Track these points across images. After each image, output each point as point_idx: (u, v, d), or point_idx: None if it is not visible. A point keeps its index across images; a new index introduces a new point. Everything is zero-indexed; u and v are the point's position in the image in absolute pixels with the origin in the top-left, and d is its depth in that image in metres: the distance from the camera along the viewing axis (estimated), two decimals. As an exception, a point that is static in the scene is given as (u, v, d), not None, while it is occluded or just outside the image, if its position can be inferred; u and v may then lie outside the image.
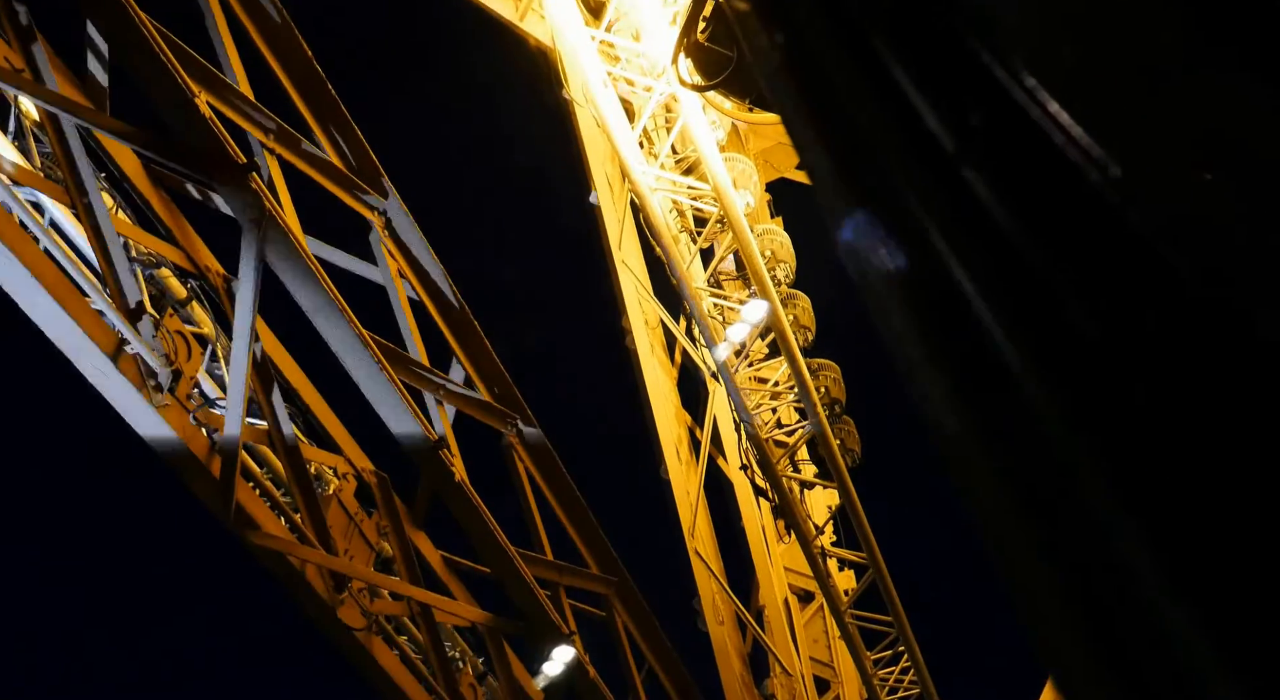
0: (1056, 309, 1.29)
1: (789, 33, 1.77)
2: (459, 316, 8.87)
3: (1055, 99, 1.50)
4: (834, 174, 1.65)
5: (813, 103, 1.70)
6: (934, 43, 1.60)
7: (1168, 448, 1.18)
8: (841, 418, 12.70)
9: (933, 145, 1.45)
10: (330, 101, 7.84)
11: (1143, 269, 1.27)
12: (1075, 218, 1.35)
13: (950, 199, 1.41)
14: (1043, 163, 1.40)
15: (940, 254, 1.39)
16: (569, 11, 12.69)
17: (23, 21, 5.72)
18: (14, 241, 5.86)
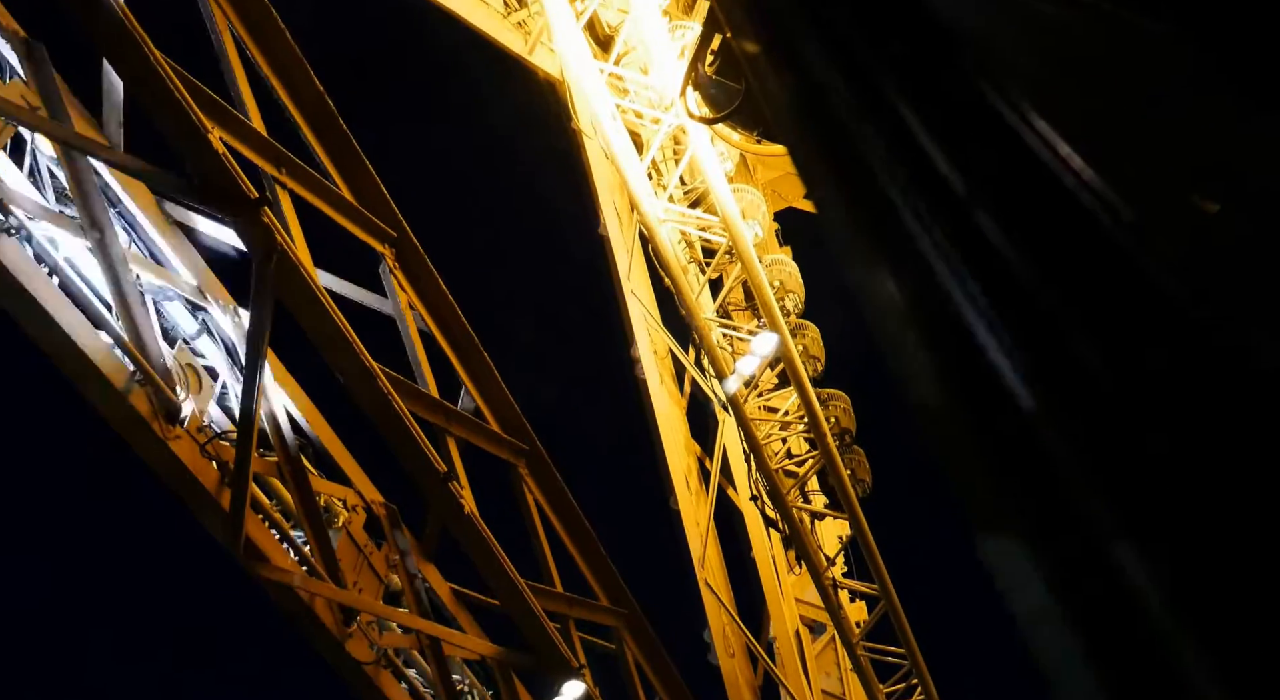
0: (1068, 351, 1.29)
1: (798, 75, 1.79)
2: (468, 348, 8.89)
3: (1065, 141, 1.51)
4: (845, 215, 1.66)
5: (823, 145, 1.71)
6: (943, 86, 1.61)
7: (1180, 484, 1.18)
8: (852, 448, 12.66)
9: (943, 188, 1.46)
10: (341, 136, 7.91)
11: (1152, 310, 1.27)
12: (1086, 259, 1.35)
13: (961, 241, 1.42)
14: (1053, 205, 1.41)
15: (952, 295, 1.39)
16: (577, 45, 12.80)
17: (41, 60, 5.79)
18: (28, 276, 5.90)
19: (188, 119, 5.85)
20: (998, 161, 1.44)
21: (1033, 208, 1.35)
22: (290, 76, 7.45)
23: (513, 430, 9.40)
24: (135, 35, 5.46)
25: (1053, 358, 1.26)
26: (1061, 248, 1.34)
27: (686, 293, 12.01)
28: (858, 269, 1.56)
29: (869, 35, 1.76)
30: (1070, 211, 1.37)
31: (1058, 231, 1.34)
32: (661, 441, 13.76)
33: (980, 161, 1.42)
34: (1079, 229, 1.36)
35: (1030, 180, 1.40)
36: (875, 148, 1.50)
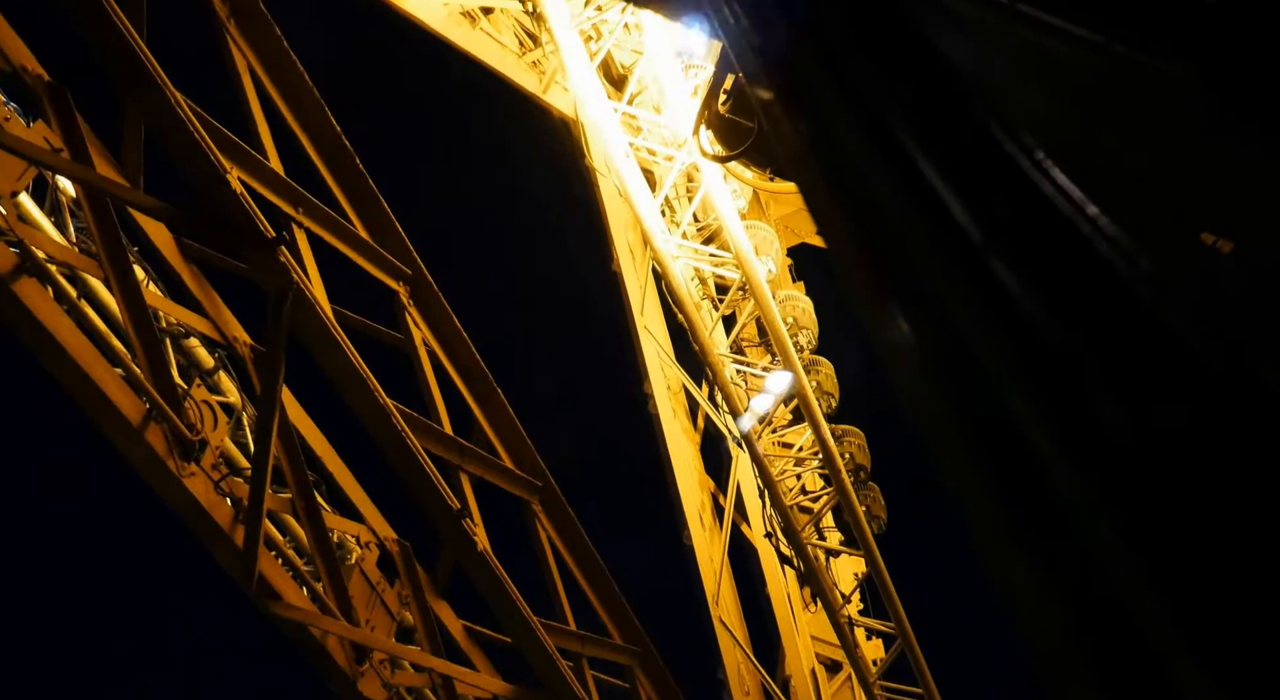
0: (1085, 399, 1.28)
1: (811, 122, 1.80)
2: (482, 384, 8.91)
3: (1079, 187, 1.51)
4: (860, 265, 1.66)
5: (837, 191, 1.71)
6: (957, 131, 1.62)
7: (1197, 537, 1.17)
8: (867, 484, 12.58)
9: (959, 236, 1.47)
10: (357, 174, 8.00)
11: (1171, 361, 1.26)
12: (1103, 308, 1.35)
13: (978, 289, 1.42)
14: (1069, 252, 1.41)
15: (969, 345, 1.39)
16: (591, 85, 12.94)
17: (64, 102, 5.89)
18: (47, 314, 5.96)
19: (207, 160, 5.93)
20: (1013, 209, 1.44)
21: (1049, 256, 1.35)
22: (308, 116, 7.55)
23: (526, 467, 9.39)
24: (156, 78, 5.55)
25: (1072, 409, 1.26)
26: (1079, 296, 1.33)
27: (700, 329, 12.02)
28: (874, 318, 1.56)
29: (882, 81, 1.77)
30: (1087, 259, 1.37)
31: (1074, 280, 1.34)
32: (675, 477, 13.70)
33: (996, 209, 1.42)
34: (1096, 277, 1.36)
35: (1046, 227, 1.40)
36: (890, 197, 1.50)
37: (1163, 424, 1.18)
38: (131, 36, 5.60)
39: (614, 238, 14.30)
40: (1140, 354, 1.26)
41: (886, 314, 1.61)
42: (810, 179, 1.80)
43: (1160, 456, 1.19)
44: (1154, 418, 1.15)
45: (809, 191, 1.89)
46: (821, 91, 1.73)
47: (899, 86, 1.66)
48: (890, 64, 1.76)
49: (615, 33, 13.23)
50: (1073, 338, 1.29)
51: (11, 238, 5.58)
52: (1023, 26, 3.70)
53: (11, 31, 6.41)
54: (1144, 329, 1.27)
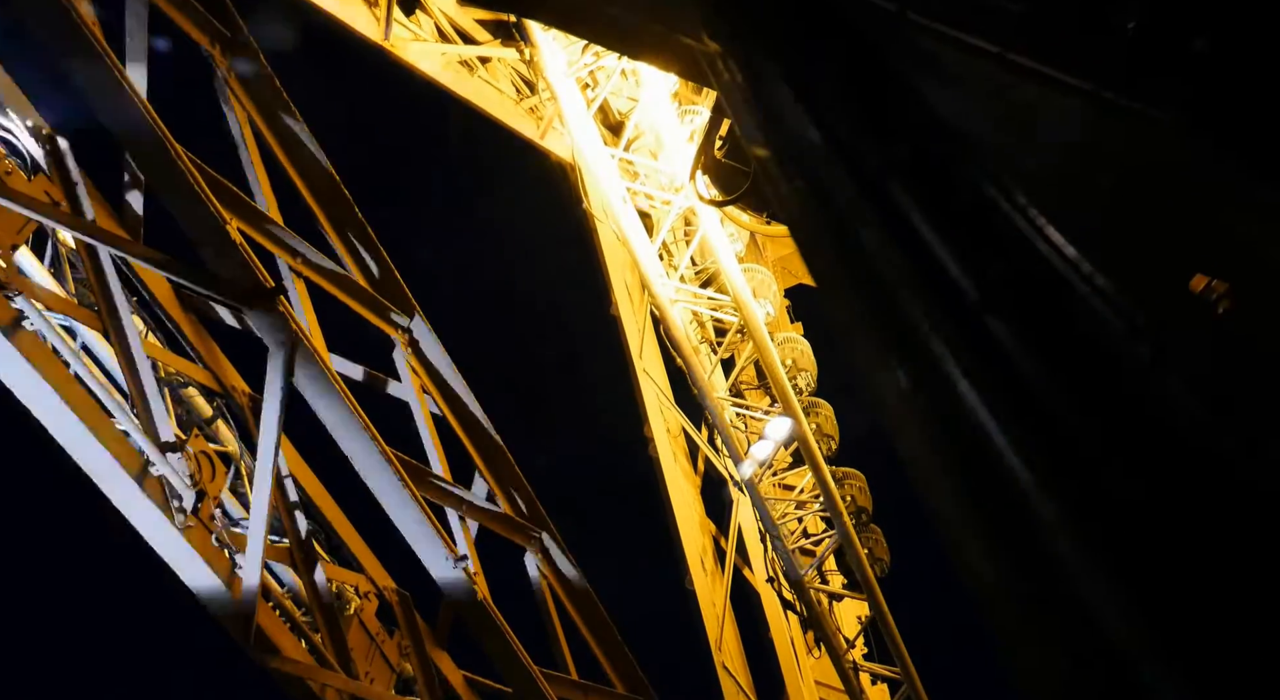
0: (1083, 459, 1.27)
1: (808, 180, 1.81)
2: (482, 431, 8.88)
3: (1073, 244, 1.51)
4: (857, 320, 1.67)
5: (834, 249, 1.72)
6: (953, 193, 1.63)
7: (1203, 603, 1.15)
8: (869, 526, 12.50)
9: (956, 295, 1.47)
10: (357, 224, 8.04)
11: (1166, 418, 1.26)
12: (1099, 367, 1.34)
13: (975, 348, 1.42)
14: (1066, 312, 1.41)
15: (968, 404, 1.38)
16: (589, 132, 13.06)
17: (64, 155, 5.93)
18: (44, 366, 5.95)
19: (206, 211, 5.96)
20: (1009, 268, 1.45)
21: (1045, 315, 1.35)
22: (307, 167, 7.60)
23: (526, 514, 9.33)
24: (158, 133, 5.60)
25: (1071, 469, 1.25)
26: (1075, 355, 1.33)
27: (699, 373, 12.03)
28: (872, 376, 1.56)
29: (877, 140, 1.78)
30: (1083, 317, 1.37)
31: (1071, 339, 1.34)
32: (676, 521, 13.62)
33: (992, 268, 1.42)
34: (1092, 336, 1.36)
35: (1042, 286, 1.41)
36: (887, 256, 1.51)
37: (1161, 488, 1.17)
38: (133, 91, 5.65)
39: (612, 281, 14.35)
40: (1132, 412, 1.26)
41: (885, 372, 1.61)
42: (807, 237, 1.80)
43: (1161, 522, 1.18)
44: (1153, 481, 1.14)
45: (805, 248, 1.89)
46: (817, 150, 1.74)
47: (894, 146, 1.67)
48: (884, 123, 1.77)
49: (612, 79, 13.38)
50: (1070, 397, 1.28)
51: (11, 291, 5.59)
52: (1012, 75, 3.74)
53: (14, 86, 6.49)
54: (1141, 388, 1.26)
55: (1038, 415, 1.27)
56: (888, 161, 1.62)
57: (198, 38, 7.00)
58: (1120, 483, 1.21)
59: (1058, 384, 1.24)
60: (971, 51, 3.63)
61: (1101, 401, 1.22)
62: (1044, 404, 1.23)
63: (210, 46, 6.98)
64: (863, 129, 1.72)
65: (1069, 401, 1.22)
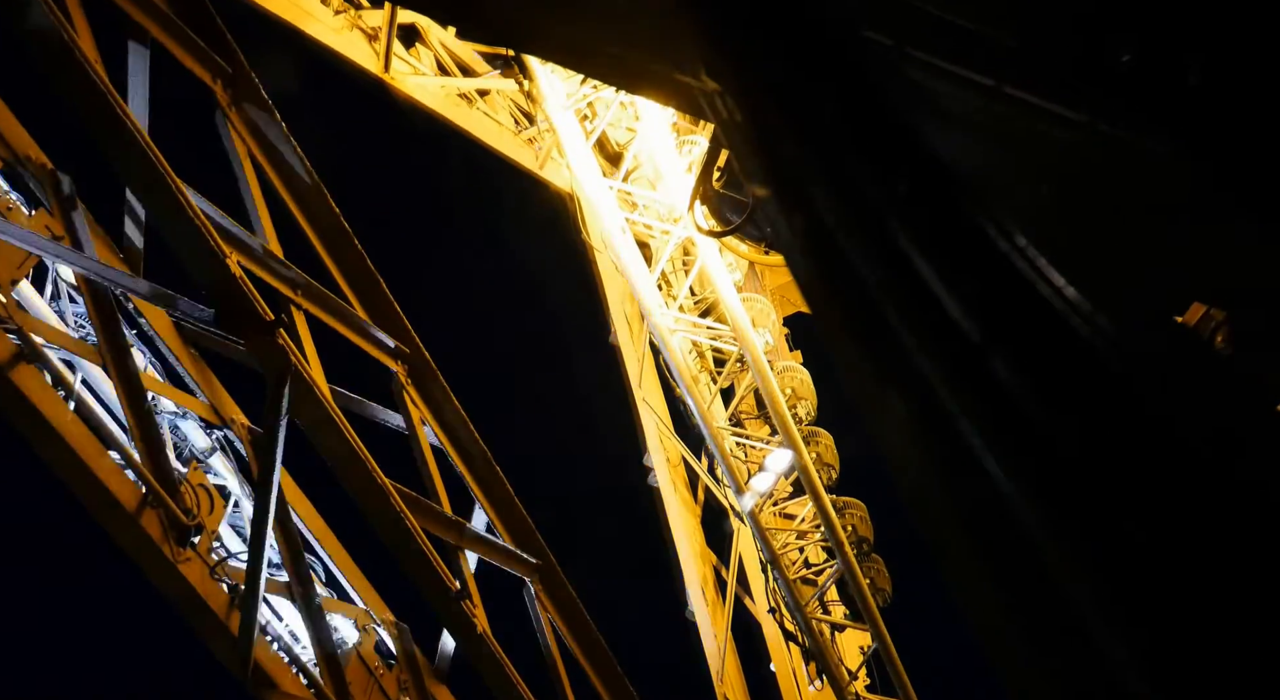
0: (1087, 498, 1.27)
1: (808, 218, 1.82)
2: (481, 462, 8.85)
3: (1074, 285, 1.52)
4: (859, 360, 1.67)
5: (834, 288, 1.73)
6: (953, 231, 1.63)
7: (1209, 643, 1.15)
8: (870, 556, 12.44)
9: (957, 336, 1.47)
10: (356, 255, 8.06)
11: (1168, 456, 1.26)
12: (1104, 408, 1.34)
13: (978, 390, 1.42)
14: (1068, 353, 1.41)
15: (970, 443, 1.38)
16: (587, 164, 13.13)
17: (65, 190, 5.96)
18: (44, 401, 5.95)
19: (207, 246, 5.98)
20: (1011, 309, 1.45)
21: (1048, 356, 1.36)
22: (307, 200, 7.64)
23: (525, 544, 9.28)
24: (159, 168, 5.63)
25: (1074, 509, 1.24)
26: (1080, 397, 1.33)
27: (699, 402, 12.02)
28: (874, 416, 1.55)
29: (876, 177, 1.79)
30: (1085, 359, 1.37)
31: (1074, 380, 1.34)
32: (677, 551, 13.55)
33: (993, 309, 1.43)
34: (1095, 377, 1.36)
35: (1043, 327, 1.41)
36: (888, 296, 1.51)
37: (1160, 515, 1.17)
38: (135, 127, 5.69)
39: (612, 310, 14.36)
40: (1137, 449, 1.26)
41: (887, 412, 1.60)
42: (807, 275, 1.81)
43: (1159, 551, 1.17)
44: (1164, 527, 1.14)
45: (806, 286, 1.90)
46: (816, 188, 1.75)
47: (893, 184, 1.68)
48: (883, 161, 1.78)
49: (610, 110, 13.47)
50: (1077, 440, 1.28)
51: (11, 325, 5.59)
52: (1009, 108, 3.76)
53: (16, 122, 6.53)
54: (1145, 427, 1.26)
55: (1043, 458, 1.27)
56: (887, 200, 1.63)
57: (200, 73, 7.05)
58: (1127, 524, 1.21)
59: (1064, 427, 1.23)
60: (968, 85, 3.66)
61: (1108, 444, 1.22)
62: (1050, 447, 1.22)
63: (212, 82, 7.03)
64: (862, 168, 1.73)
65: (1076, 444, 1.21)
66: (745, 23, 2.27)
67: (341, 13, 12.73)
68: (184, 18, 6.92)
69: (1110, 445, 1.23)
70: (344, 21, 12.70)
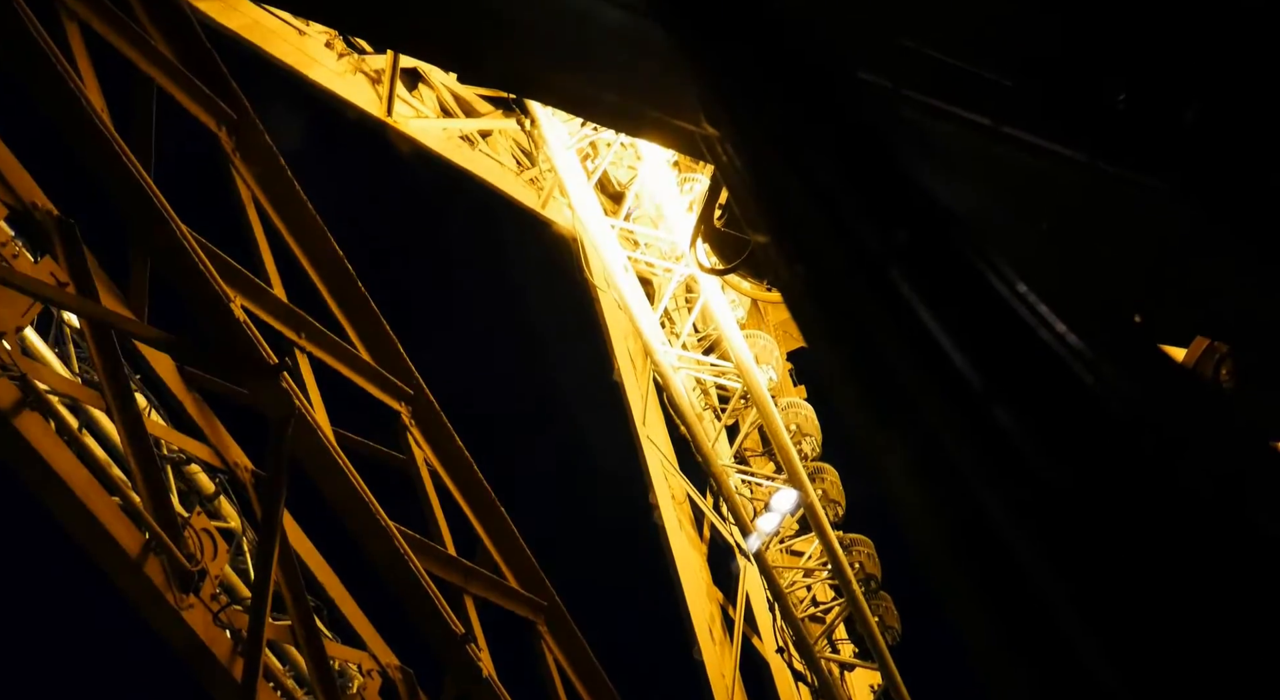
0: (1092, 548, 1.26)
1: (809, 266, 1.82)
2: (486, 504, 8.83)
3: (1076, 332, 1.51)
4: (862, 407, 1.66)
5: (836, 336, 1.72)
6: (953, 279, 1.64)
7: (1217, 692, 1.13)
8: (878, 593, 12.34)
9: (961, 384, 1.46)
10: (359, 297, 8.10)
11: (1173, 506, 1.25)
12: (1109, 457, 1.34)
13: (983, 440, 1.41)
14: (1071, 402, 1.41)
15: (974, 494, 1.37)
16: (589, 203, 13.23)
17: (72, 237, 6.00)
18: (46, 447, 5.94)
19: (211, 290, 6.00)
20: (1013, 357, 1.45)
21: (1051, 405, 1.35)
22: (311, 243, 7.68)
23: (531, 586, 9.22)
24: (164, 213, 5.67)
25: (1085, 568, 1.23)
26: (1084, 446, 1.32)
27: (702, 440, 11.99)
28: (880, 464, 1.55)
29: (875, 225, 1.80)
30: (1089, 408, 1.37)
31: (1079, 430, 1.34)
32: (683, 589, 13.45)
33: (995, 358, 1.42)
34: (1100, 426, 1.35)
35: (1046, 376, 1.40)
36: (890, 344, 1.51)
37: (1184, 583, 1.16)
38: (140, 174, 5.74)
39: (615, 347, 14.38)
40: (1150, 508, 1.25)
41: (891, 460, 1.60)
42: (809, 322, 1.81)
43: (1164, 604, 1.16)
44: (1174, 577, 1.13)
45: (808, 332, 1.90)
46: (817, 237, 1.76)
47: (893, 231, 1.69)
48: (883, 207, 1.79)
49: (612, 149, 13.59)
50: (1083, 491, 1.27)
51: (14, 372, 5.61)
52: (1007, 148, 3.78)
53: (21, 168, 6.58)
54: (1152, 479, 1.25)
55: (1050, 512, 1.26)
56: (887, 248, 1.63)
57: (204, 119, 7.12)
58: (1135, 574, 1.20)
59: (1069, 477, 1.23)
60: (966, 125, 3.68)
61: (1115, 496, 1.21)
62: (1057, 501, 1.21)
63: (216, 127, 7.10)
64: (862, 214, 1.73)
65: (1082, 496, 1.21)
66: (744, 71, 2.29)
67: (345, 56, 12.88)
68: (189, 65, 7.00)
69: (1115, 496, 1.23)
70: (347, 65, 12.85)
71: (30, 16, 5.33)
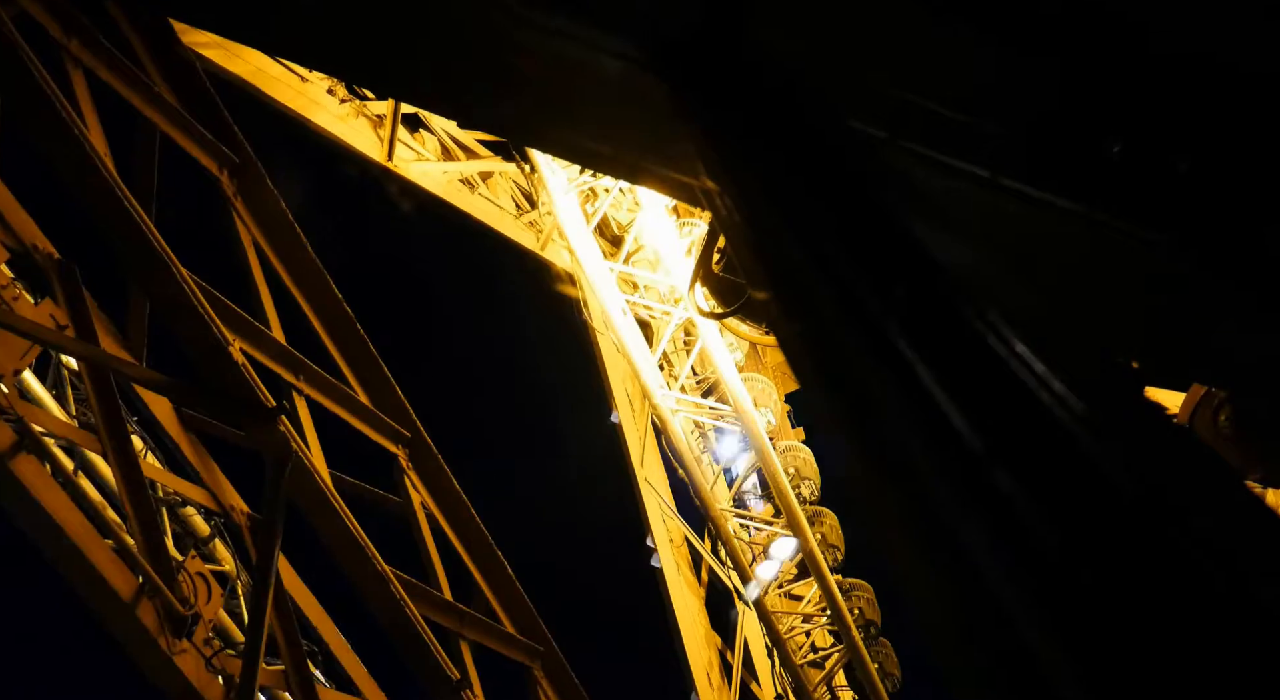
0: (1097, 625, 1.25)
1: (808, 323, 1.83)
2: (483, 548, 8.77)
3: (1076, 394, 1.51)
4: (860, 465, 1.65)
5: (836, 392, 1.72)
6: (952, 338, 1.64)
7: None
8: (878, 640, 12.22)
9: (960, 446, 1.46)
10: (357, 339, 8.10)
11: (1178, 577, 1.24)
12: (1109, 522, 1.33)
13: (983, 502, 1.40)
14: (1072, 466, 1.40)
15: (979, 564, 1.36)
16: (588, 247, 13.29)
17: (72, 280, 6.01)
18: (43, 491, 5.91)
19: (209, 333, 6.01)
20: (1011, 418, 1.44)
21: (1052, 468, 1.34)
22: (310, 286, 7.70)
23: (527, 630, 9.13)
24: (164, 257, 5.69)
25: (1086, 637, 1.22)
26: (1084, 511, 1.32)
27: (701, 484, 11.94)
28: (877, 521, 1.54)
29: (873, 284, 1.80)
30: (1088, 472, 1.36)
31: (1078, 493, 1.33)
32: (681, 634, 13.32)
33: (995, 419, 1.42)
34: (1099, 490, 1.34)
35: (1047, 439, 1.40)
36: (889, 403, 1.51)
37: (1188, 658, 1.15)
38: (141, 218, 5.77)
39: (613, 389, 14.38)
40: (1152, 576, 1.24)
41: (886, 515, 1.59)
42: (808, 378, 1.81)
43: (1186, 686, 1.15)
44: (1178, 651, 1.12)
45: (808, 386, 1.90)
46: (815, 294, 1.76)
47: (891, 289, 1.69)
48: (881, 264, 1.80)
49: (611, 194, 13.69)
50: (1083, 559, 1.26)
51: (11, 416, 5.59)
52: (1005, 199, 3.80)
53: (23, 211, 6.61)
54: (1153, 548, 1.24)
55: (1050, 577, 1.25)
56: (886, 307, 1.63)
57: (206, 163, 7.16)
58: (1131, 647, 1.19)
59: (1071, 545, 1.22)
60: (963, 177, 3.71)
61: (1116, 564, 1.20)
62: (1058, 568, 1.21)
63: (218, 171, 7.14)
64: (860, 273, 1.74)
65: (1082, 564, 1.20)
66: (743, 128, 2.31)
67: (347, 101, 13.01)
68: (192, 109, 7.07)
69: (1116, 566, 1.22)
70: (349, 110, 12.98)
71: (36, 63, 5.39)
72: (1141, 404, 1.57)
